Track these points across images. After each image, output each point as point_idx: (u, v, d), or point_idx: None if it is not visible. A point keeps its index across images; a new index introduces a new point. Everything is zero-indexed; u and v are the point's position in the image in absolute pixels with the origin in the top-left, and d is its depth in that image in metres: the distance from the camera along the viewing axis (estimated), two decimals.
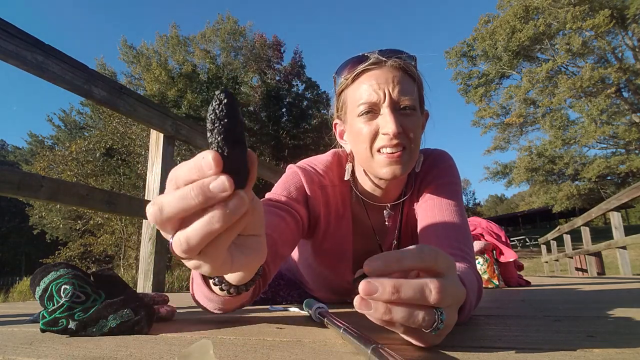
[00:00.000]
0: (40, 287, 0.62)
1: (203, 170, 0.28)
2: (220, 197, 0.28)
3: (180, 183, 0.30)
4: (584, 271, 5.67)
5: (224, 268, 0.34)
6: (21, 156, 27.05)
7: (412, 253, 0.35)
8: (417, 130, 0.72)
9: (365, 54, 0.74)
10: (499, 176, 22.80)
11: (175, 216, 0.29)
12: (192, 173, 0.29)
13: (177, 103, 15.96)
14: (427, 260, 0.35)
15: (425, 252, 0.36)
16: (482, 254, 1.94)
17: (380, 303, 0.33)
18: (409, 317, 0.33)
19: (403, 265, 0.35)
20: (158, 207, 0.29)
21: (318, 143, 18.28)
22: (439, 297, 0.34)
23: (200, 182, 0.28)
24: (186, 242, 0.30)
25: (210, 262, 0.32)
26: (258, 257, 0.37)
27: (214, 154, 0.28)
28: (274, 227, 0.68)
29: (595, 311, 0.72)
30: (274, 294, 1.15)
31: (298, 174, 0.81)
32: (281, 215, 0.72)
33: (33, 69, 1.41)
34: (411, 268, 0.36)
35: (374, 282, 0.33)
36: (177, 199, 0.29)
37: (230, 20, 21.14)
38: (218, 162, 0.28)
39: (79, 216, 13.97)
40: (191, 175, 0.29)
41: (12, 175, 1.36)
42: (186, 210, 0.29)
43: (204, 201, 0.28)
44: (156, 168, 2.12)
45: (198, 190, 0.28)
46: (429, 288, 0.34)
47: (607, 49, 17.97)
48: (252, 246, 0.36)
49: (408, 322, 0.34)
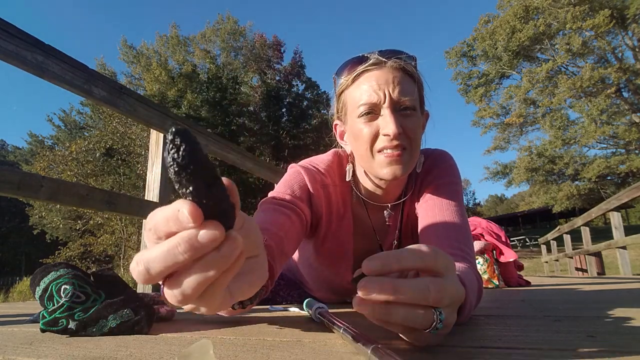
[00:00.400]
0: (40, 287, 0.62)
1: (183, 224, 0.26)
2: (211, 247, 0.26)
3: (161, 235, 0.27)
4: (584, 271, 5.66)
5: (224, 305, 0.32)
6: (21, 156, 27.05)
7: (410, 253, 0.35)
8: (417, 130, 0.72)
9: (365, 55, 0.74)
10: (499, 176, 22.80)
11: (164, 273, 0.27)
12: (171, 225, 0.26)
13: (177, 103, 15.97)
14: (426, 259, 0.35)
15: (424, 251, 0.35)
16: (482, 254, 1.94)
17: (379, 303, 0.33)
18: (407, 317, 0.33)
19: (401, 265, 0.34)
20: (144, 267, 0.27)
21: (318, 143, 18.28)
22: (438, 297, 0.34)
23: (186, 235, 0.26)
24: (181, 294, 0.28)
25: (208, 305, 0.30)
26: (259, 279, 0.35)
27: (191, 207, 0.25)
28: (280, 226, 0.68)
29: (595, 311, 0.72)
30: (274, 294, 1.15)
31: (301, 172, 0.81)
32: (286, 214, 0.72)
33: (33, 69, 1.41)
34: (410, 268, 0.35)
35: (373, 282, 0.33)
36: (164, 255, 0.26)
37: (230, 20, 21.17)
38: (197, 215, 0.25)
39: (79, 216, 13.99)
40: (170, 228, 0.26)
41: (12, 175, 1.36)
42: (175, 266, 0.27)
43: (194, 255, 0.26)
44: (156, 168, 2.12)
45: (186, 245, 0.25)
46: (428, 288, 0.34)
47: (607, 49, 17.97)
48: (251, 270, 0.34)
49: (407, 322, 0.34)
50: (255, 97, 19.32)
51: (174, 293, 0.28)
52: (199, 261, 0.27)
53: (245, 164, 2.97)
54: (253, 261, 0.34)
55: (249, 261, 0.33)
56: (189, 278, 0.27)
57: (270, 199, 0.75)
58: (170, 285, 0.28)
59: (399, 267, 0.34)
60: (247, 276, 0.33)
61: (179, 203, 0.26)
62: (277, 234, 0.65)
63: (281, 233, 0.66)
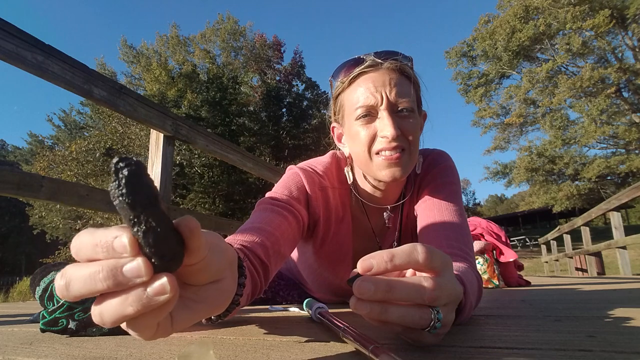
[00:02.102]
0: (40, 287, 0.62)
1: (114, 252, 0.24)
2: (133, 283, 0.24)
3: (82, 258, 0.26)
4: (584, 271, 5.66)
5: (160, 335, 0.29)
6: (21, 156, 27.04)
7: (404, 251, 0.35)
8: (415, 132, 0.72)
9: (361, 57, 0.74)
10: (499, 176, 22.80)
11: (83, 296, 0.25)
12: (98, 251, 0.25)
13: (177, 103, 15.95)
14: (421, 258, 0.35)
15: (419, 250, 0.35)
16: (482, 254, 1.94)
17: (376, 303, 0.33)
18: (404, 316, 0.33)
19: (395, 263, 0.34)
20: (65, 283, 0.25)
21: (318, 143, 18.26)
22: (434, 295, 0.33)
23: (112, 263, 0.24)
24: (100, 318, 0.26)
25: (137, 333, 0.28)
26: (214, 307, 0.32)
27: (130, 238, 0.24)
28: (276, 226, 0.67)
29: (595, 311, 0.72)
30: (274, 294, 1.15)
31: (299, 174, 0.81)
32: (283, 214, 0.71)
33: (33, 69, 1.41)
34: (404, 266, 0.34)
35: (368, 282, 0.33)
36: (84, 278, 0.25)
37: (230, 20, 21.16)
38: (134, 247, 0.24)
39: (79, 216, 13.98)
40: (96, 254, 0.25)
41: (12, 175, 1.36)
42: (93, 293, 0.25)
43: (114, 286, 0.24)
44: (156, 168, 2.12)
45: (107, 273, 0.24)
46: (423, 286, 0.33)
47: (607, 49, 17.97)
48: (206, 298, 0.31)
49: (404, 321, 0.33)
50: (255, 97, 19.30)
51: (95, 313, 0.26)
52: (121, 294, 0.25)
53: (245, 164, 2.97)
54: (211, 288, 0.31)
55: (206, 288, 0.31)
56: (109, 307, 0.25)
57: (268, 199, 0.75)
58: (96, 303, 0.26)
59: (393, 265, 0.34)
60: (198, 303, 0.30)
61: (118, 230, 0.25)
62: (274, 234, 0.65)
63: (277, 233, 0.66)
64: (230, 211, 15.26)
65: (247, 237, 0.60)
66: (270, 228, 0.65)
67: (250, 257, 0.56)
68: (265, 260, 0.60)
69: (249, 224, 0.66)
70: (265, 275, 0.61)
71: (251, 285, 0.54)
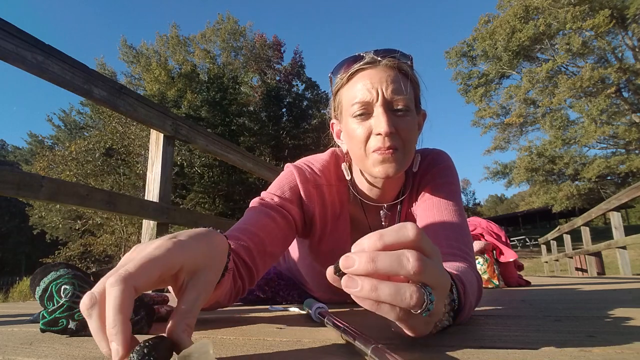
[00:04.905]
0: (40, 287, 0.62)
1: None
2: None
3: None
4: (584, 271, 5.66)
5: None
6: (21, 156, 27.03)
7: (393, 229, 0.36)
8: (411, 131, 0.71)
9: (361, 54, 0.74)
10: (499, 176, 22.80)
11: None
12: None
13: (177, 103, 15.95)
14: (411, 233, 0.35)
15: (408, 227, 0.35)
16: (482, 254, 1.94)
17: (366, 280, 0.33)
18: (396, 294, 0.33)
19: (384, 241, 0.35)
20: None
21: (318, 143, 18.25)
22: (418, 266, 0.33)
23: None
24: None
25: None
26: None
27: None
28: (261, 227, 0.71)
29: (595, 311, 0.72)
30: (274, 294, 1.15)
31: (293, 173, 0.82)
32: (271, 216, 0.74)
33: (33, 69, 1.41)
34: (396, 244, 0.35)
35: (352, 255, 0.34)
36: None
37: (230, 20, 21.17)
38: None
39: (79, 216, 13.97)
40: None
41: (12, 175, 1.36)
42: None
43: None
44: (156, 168, 2.13)
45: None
46: (406, 257, 0.33)
47: (607, 49, 17.97)
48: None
49: (395, 300, 0.33)
50: (255, 97, 19.30)
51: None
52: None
53: (246, 164, 2.97)
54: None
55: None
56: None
57: (258, 201, 0.79)
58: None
59: (383, 243, 0.35)
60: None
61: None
62: (258, 234, 0.69)
63: (262, 234, 0.70)
64: (230, 211, 15.26)
65: (232, 240, 0.64)
66: (254, 229, 0.70)
67: (234, 259, 0.60)
68: (248, 261, 0.65)
69: (236, 225, 0.71)
70: (250, 276, 0.66)
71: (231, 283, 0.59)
